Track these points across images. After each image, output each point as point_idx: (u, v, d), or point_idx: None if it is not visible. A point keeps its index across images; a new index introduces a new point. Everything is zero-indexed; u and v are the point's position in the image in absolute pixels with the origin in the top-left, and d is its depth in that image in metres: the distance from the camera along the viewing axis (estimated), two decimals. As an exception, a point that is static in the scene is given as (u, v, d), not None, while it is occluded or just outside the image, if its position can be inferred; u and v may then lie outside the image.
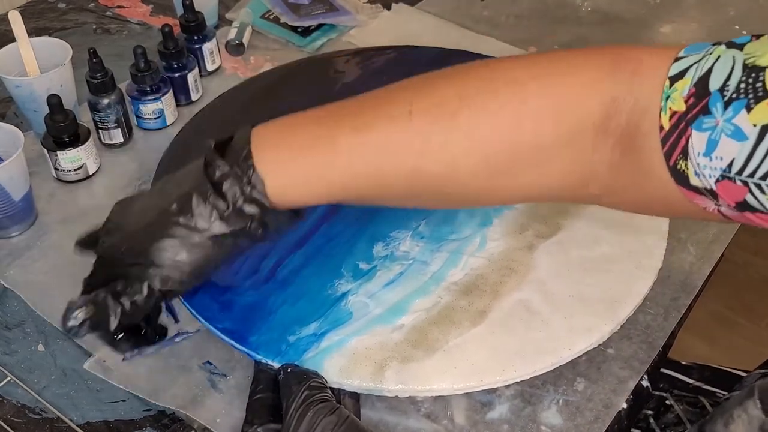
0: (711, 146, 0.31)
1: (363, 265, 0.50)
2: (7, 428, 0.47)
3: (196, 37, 0.71)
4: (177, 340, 0.50)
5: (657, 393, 0.61)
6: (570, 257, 0.51)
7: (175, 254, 0.39)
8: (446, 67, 0.43)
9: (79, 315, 0.39)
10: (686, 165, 0.33)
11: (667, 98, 0.33)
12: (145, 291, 0.39)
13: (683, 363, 0.64)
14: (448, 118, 0.37)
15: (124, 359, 0.48)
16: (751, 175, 0.30)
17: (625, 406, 0.47)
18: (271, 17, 0.79)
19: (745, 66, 0.31)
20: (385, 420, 0.46)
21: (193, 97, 0.70)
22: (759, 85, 0.30)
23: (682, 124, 0.32)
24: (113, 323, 0.40)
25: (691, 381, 0.62)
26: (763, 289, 1.27)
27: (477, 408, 0.46)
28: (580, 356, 0.48)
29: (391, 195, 0.40)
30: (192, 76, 0.69)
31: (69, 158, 0.60)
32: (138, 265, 0.40)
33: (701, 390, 0.62)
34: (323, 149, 0.39)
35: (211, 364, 0.49)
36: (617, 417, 0.46)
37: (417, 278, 0.50)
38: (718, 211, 0.33)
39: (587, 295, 0.49)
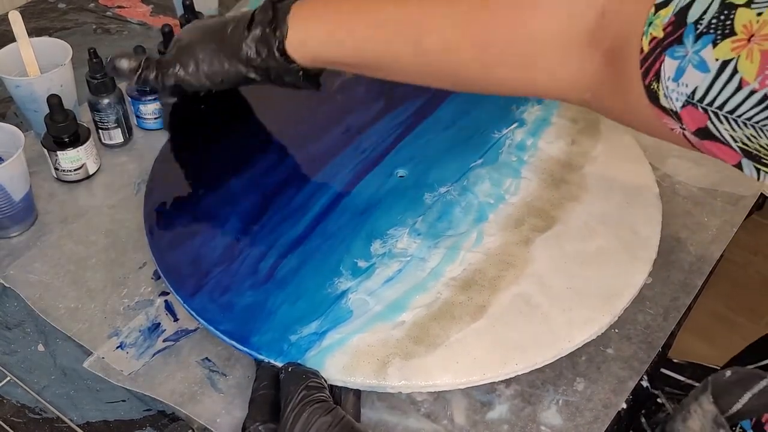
0: (679, 73, 0.34)
1: (361, 263, 0.51)
2: (7, 428, 0.47)
3: (195, 38, 0.71)
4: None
5: (649, 391, 0.61)
6: (566, 250, 0.51)
7: (200, 52, 0.51)
8: None
9: (121, 63, 0.53)
10: (658, 86, 0.36)
11: (650, 24, 0.36)
12: (168, 70, 0.52)
13: (675, 361, 0.64)
14: (452, 4, 0.43)
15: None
16: (710, 104, 0.33)
17: (624, 406, 0.47)
18: (271, 18, 0.79)
19: (722, 2, 0.33)
20: (384, 420, 0.46)
21: (193, 98, 0.70)
22: (728, 22, 0.32)
23: (658, 50, 0.35)
24: (136, 80, 0.53)
25: (682, 378, 0.62)
26: (763, 288, 1.27)
27: (477, 408, 0.46)
28: (580, 356, 0.48)
29: (399, 64, 0.47)
30: (192, 77, 0.69)
31: (69, 158, 0.61)
32: (177, 50, 0.52)
33: (693, 388, 0.62)
34: (344, 16, 0.47)
35: (209, 361, 0.49)
36: (617, 417, 0.46)
37: (416, 275, 0.50)
38: (683, 135, 0.36)
39: (585, 287, 0.49)
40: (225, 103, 0.65)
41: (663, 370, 0.63)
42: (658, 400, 0.60)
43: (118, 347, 0.50)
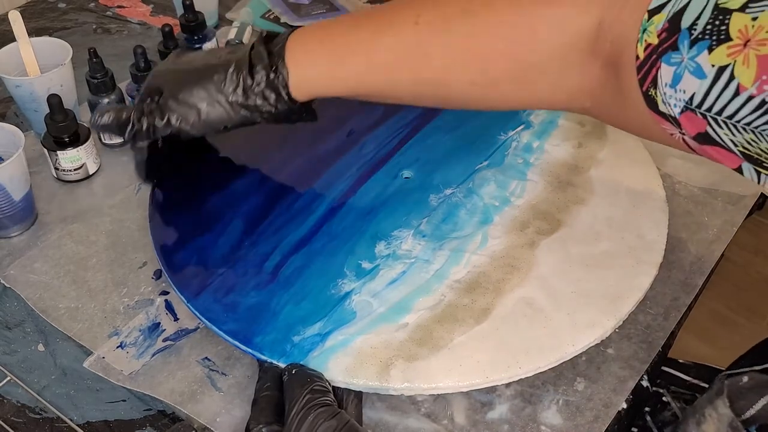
0: (676, 79, 0.34)
1: (365, 265, 0.50)
2: (7, 428, 0.46)
3: (196, 37, 0.70)
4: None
5: (654, 389, 0.61)
6: (571, 254, 0.51)
7: (199, 102, 0.48)
8: None
9: (105, 118, 0.50)
10: (656, 92, 0.36)
11: (644, 30, 0.35)
12: (164, 120, 0.48)
13: (680, 361, 0.64)
14: (450, 29, 0.42)
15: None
16: (708, 109, 0.33)
17: (625, 405, 0.47)
18: (272, 17, 0.79)
19: (716, 7, 0.32)
20: (385, 420, 0.45)
21: (194, 98, 0.70)
22: (723, 28, 0.32)
23: (654, 56, 0.35)
24: (128, 133, 0.50)
25: (688, 378, 0.62)
26: (763, 288, 1.27)
27: (477, 408, 0.46)
28: (580, 356, 0.48)
29: (399, 93, 0.47)
30: (192, 76, 0.68)
31: (69, 158, 0.60)
32: (171, 99, 0.48)
33: (698, 387, 0.62)
34: (344, 49, 0.46)
35: (209, 360, 0.49)
36: (617, 417, 0.46)
37: (420, 277, 0.50)
38: (683, 140, 0.36)
39: (589, 291, 0.49)
40: None
41: (668, 370, 0.63)
42: (663, 398, 0.60)
43: (118, 347, 0.50)
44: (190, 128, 0.49)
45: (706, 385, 0.61)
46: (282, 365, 0.45)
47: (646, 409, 0.59)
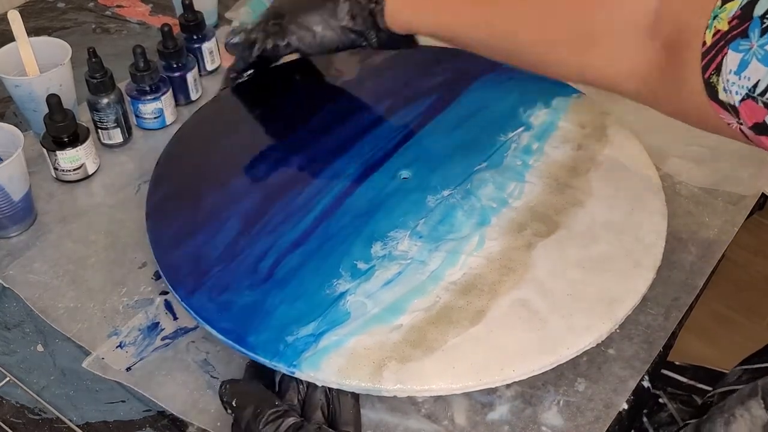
0: (742, 66, 0.34)
1: (361, 265, 0.50)
2: (7, 428, 0.47)
3: (195, 37, 0.71)
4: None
5: (651, 391, 0.60)
6: (568, 256, 0.51)
7: (315, 25, 0.57)
8: (444, 66, 0.50)
9: (237, 38, 0.60)
10: (717, 80, 0.36)
11: (715, 17, 0.36)
12: (284, 41, 0.58)
13: (677, 363, 0.63)
14: None
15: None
16: None
17: (625, 406, 0.46)
18: (271, 17, 0.79)
19: None
20: (385, 420, 0.46)
21: (193, 97, 0.70)
22: None
23: (722, 43, 0.35)
24: (255, 52, 0.59)
25: (684, 380, 0.62)
26: (764, 288, 1.27)
27: (477, 409, 0.46)
28: (580, 357, 0.47)
29: (477, 41, 0.52)
30: (191, 76, 0.68)
31: (68, 158, 0.60)
32: (291, 22, 0.57)
33: (695, 389, 0.62)
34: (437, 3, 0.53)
35: (209, 364, 0.49)
36: (618, 417, 0.46)
37: (415, 278, 0.49)
38: (740, 129, 0.36)
39: (586, 294, 0.48)
40: (228, 102, 0.65)
41: (664, 371, 0.63)
42: (660, 400, 0.60)
43: (117, 346, 0.50)
44: (306, 48, 0.57)
45: (704, 387, 0.61)
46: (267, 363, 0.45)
47: (643, 410, 0.59)
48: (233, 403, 0.42)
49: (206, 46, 0.71)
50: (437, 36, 0.54)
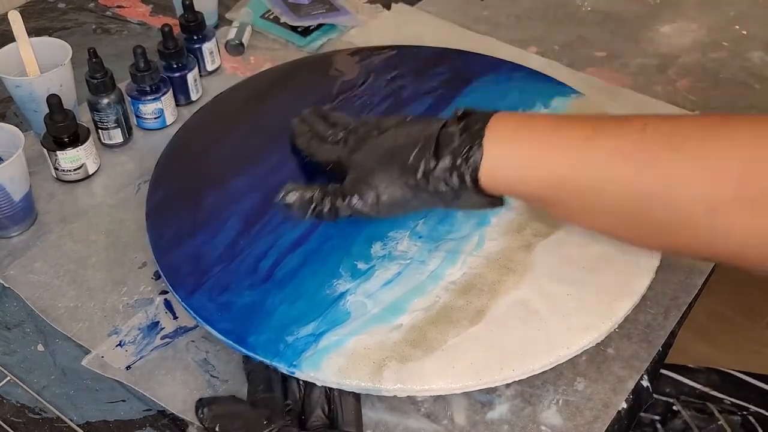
0: None
1: (361, 265, 0.50)
2: (7, 428, 0.47)
3: (195, 37, 0.71)
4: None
5: (664, 399, 0.60)
6: (568, 256, 0.51)
7: (379, 184, 0.46)
8: (444, 65, 0.45)
9: (290, 197, 0.49)
10: None
11: None
12: (346, 202, 0.47)
13: (690, 366, 0.63)
14: (680, 141, 0.38)
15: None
16: None
17: (625, 405, 0.47)
18: (271, 17, 0.79)
19: None
20: (385, 420, 0.46)
21: (193, 97, 0.70)
22: None
23: None
24: (310, 213, 0.48)
25: (698, 386, 0.62)
26: (764, 288, 1.26)
27: (477, 408, 0.46)
28: (580, 356, 0.47)
29: (597, 205, 0.41)
30: (192, 76, 0.69)
31: (69, 158, 0.61)
32: (355, 179, 0.47)
33: (709, 396, 0.62)
34: (549, 146, 0.41)
35: (209, 363, 0.49)
36: (617, 417, 0.46)
37: (415, 278, 0.50)
38: None
39: (585, 294, 0.48)
40: (229, 103, 0.65)
41: (677, 376, 0.62)
42: (674, 408, 0.60)
43: (117, 345, 0.50)
44: (369, 210, 0.47)
45: (717, 394, 0.61)
46: (268, 362, 0.45)
47: (657, 417, 0.59)
48: (216, 429, 0.41)
49: (206, 47, 0.71)
50: (548, 195, 0.42)
